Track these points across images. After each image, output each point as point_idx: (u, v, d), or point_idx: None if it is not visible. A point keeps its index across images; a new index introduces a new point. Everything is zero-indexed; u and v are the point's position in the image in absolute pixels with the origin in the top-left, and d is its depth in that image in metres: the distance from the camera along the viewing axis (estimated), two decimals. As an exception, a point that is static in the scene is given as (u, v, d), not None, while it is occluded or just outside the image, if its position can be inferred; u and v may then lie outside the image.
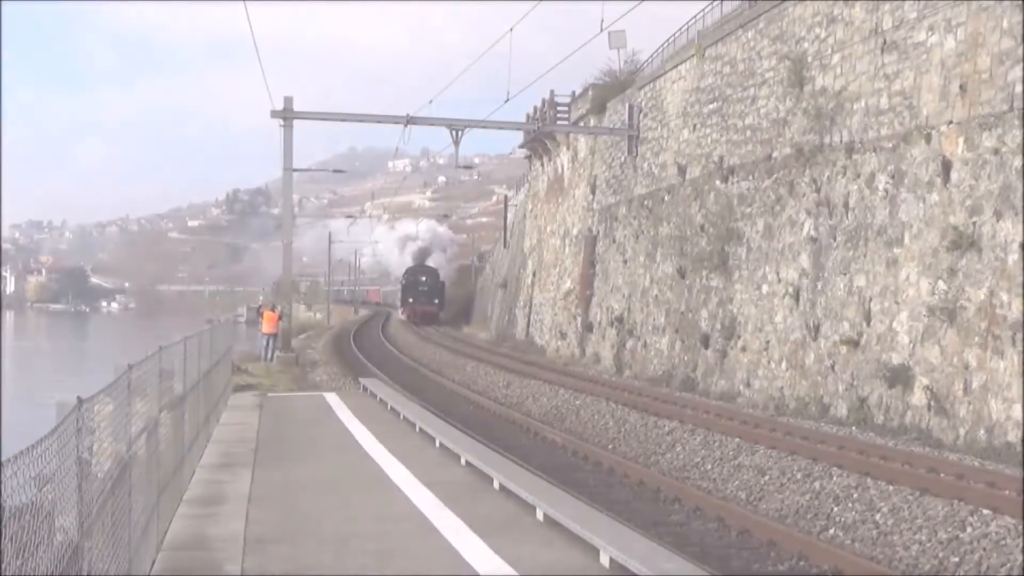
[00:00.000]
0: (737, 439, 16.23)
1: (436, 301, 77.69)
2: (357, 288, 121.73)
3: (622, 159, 34.35)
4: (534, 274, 47.79)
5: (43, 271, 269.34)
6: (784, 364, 21.87)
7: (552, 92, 45.21)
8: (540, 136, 45.17)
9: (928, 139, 17.36)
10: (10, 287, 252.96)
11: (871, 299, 18.80)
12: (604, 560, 8.12)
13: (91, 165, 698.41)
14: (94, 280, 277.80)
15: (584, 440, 18.26)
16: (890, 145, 18.51)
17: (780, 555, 10.59)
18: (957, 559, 10.05)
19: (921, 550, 10.46)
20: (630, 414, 19.95)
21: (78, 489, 4.85)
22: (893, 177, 18.37)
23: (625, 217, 33.47)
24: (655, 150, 31.38)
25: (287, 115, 32.91)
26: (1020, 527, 10.21)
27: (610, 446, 18.00)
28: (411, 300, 77.12)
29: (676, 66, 29.94)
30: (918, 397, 17.08)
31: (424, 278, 79.25)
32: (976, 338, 15.80)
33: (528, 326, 47.44)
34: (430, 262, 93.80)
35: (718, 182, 25.92)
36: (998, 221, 15.54)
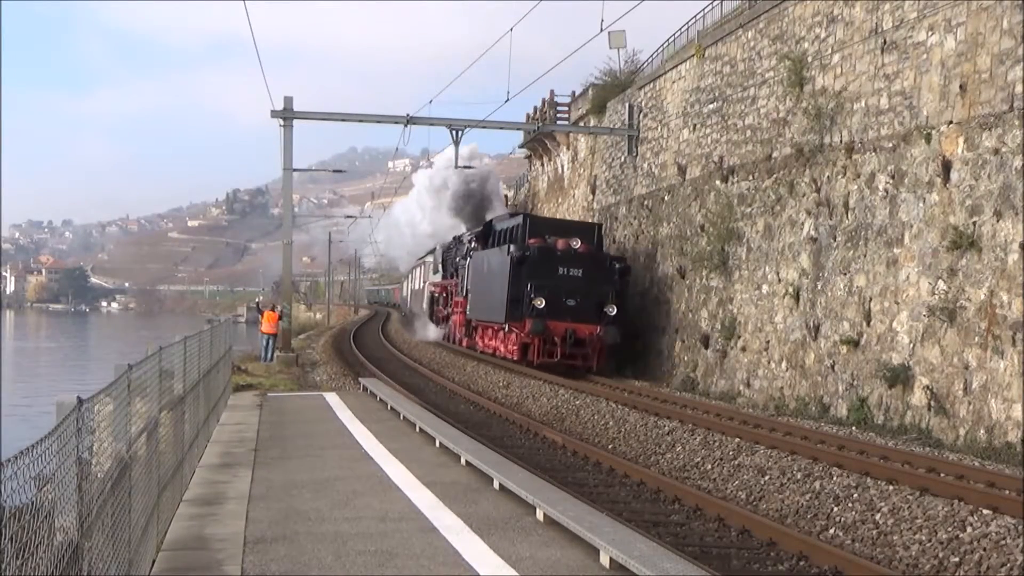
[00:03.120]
0: (737, 439, 16.23)
1: (612, 312, 28.21)
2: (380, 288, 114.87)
3: (622, 159, 34.35)
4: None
5: (43, 271, 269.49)
6: (784, 364, 21.88)
7: (552, 92, 45.27)
8: (540, 136, 45.16)
9: (928, 139, 17.36)
10: (10, 287, 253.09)
11: (871, 299, 18.80)
12: (604, 560, 8.12)
13: (91, 165, 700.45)
14: (94, 280, 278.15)
15: (584, 440, 18.25)
16: (890, 145, 18.51)
17: (780, 555, 10.58)
18: (957, 559, 10.05)
19: (921, 550, 10.46)
20: (630, 414, 19.94)
21: (78, 489, 4.85)
22: (893, 177, 18.37)
23: (625, 217, 33.48)
24: (655, 150, 31.37)
25: (287, 115, 32.93)
26: (1020, 527, 10.21)
27: (610, 446, 17.99)
28: (542, 306, 27.96)
29: (676, 66, 29.93)
30: (918, 397, 17.08)
31: (576, 245, 28.94)
32: (976, 338, 15.80)
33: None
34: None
35: (718, 182, 25.92)
36: (998, 221, 15.54)
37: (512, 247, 28.90)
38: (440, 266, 43.34)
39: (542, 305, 27.75)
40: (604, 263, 28.69)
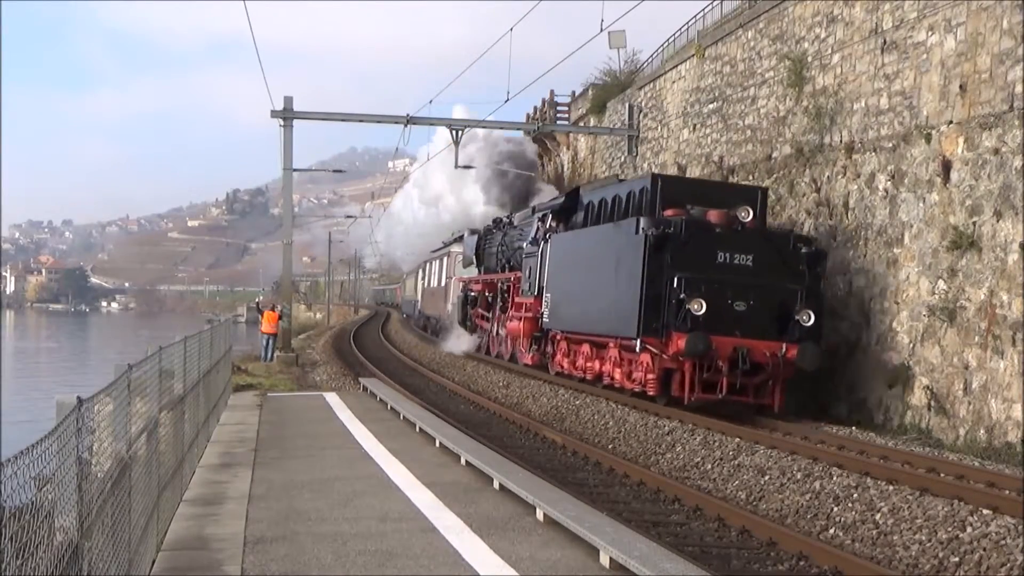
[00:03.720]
0: (737, 439, 16.22)
1: (808, 322, 17.90)
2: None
3: (622, 159, 34.35)
4: (534, 274, 47.21)
5: (43, 271, 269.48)
6: (784, 364, 21.84)
7: (552, 92, 45.29)
8: (540, 136, 45.17)
9: (928, 139, 17.36)
10: (10, 287, 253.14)
11: (871, 299, 18.80)
12: (604, 560, 8.12)
13: (91, 165, 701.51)
14: (94, 280, 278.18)
15: (584, 440, 18.25)
16: (890, 145, 18.51)
17: (780, 555, 10.58)
18: (957, 559, 10.05)
19: (921, 550, 10.45)
20: (630, 414, 19.92)
21: (78, 489, 4.85)
22: (893, 177, 18.37)
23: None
24: (655, 150, 31.38)
25: (287, 115, 32.94)
26: (1020, 527, 10.21)
27: (610, 446, 17.98)
28: (700, 312, 17.71)
29: (676, 66, 29.94)
30: (918, 397, 17.08)
31: (745, 218, 18.46)
32: (976, 338, 15.80)
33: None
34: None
35: (718, 182, 25.91)
36: (998, 221, 15.54)
37: (643, 222, 18.55)
38: (475, 258, 35.95)
39: (701, 311, 17.84)
40: (786, 245, 18.52)
